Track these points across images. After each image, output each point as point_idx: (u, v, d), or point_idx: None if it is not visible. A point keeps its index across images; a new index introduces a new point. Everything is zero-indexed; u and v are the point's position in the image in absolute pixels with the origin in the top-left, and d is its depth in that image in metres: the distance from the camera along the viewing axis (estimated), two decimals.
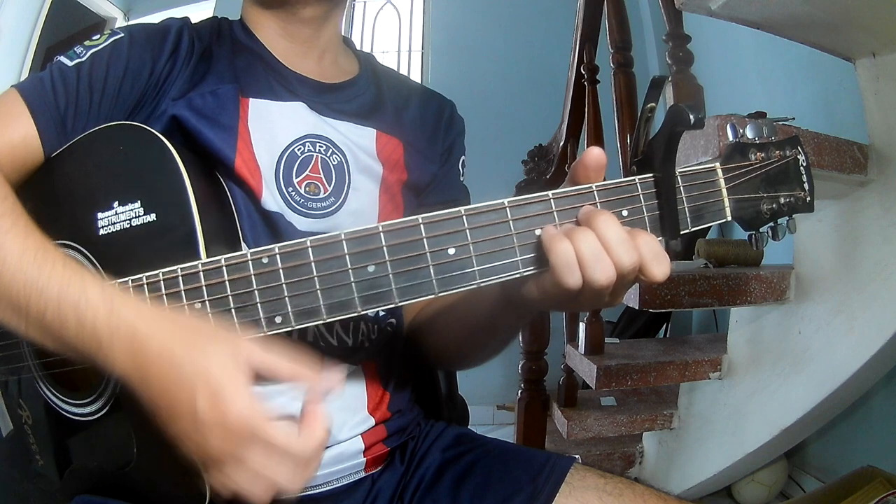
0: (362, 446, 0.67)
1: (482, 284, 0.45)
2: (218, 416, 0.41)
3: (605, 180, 0.48)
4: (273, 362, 0.44)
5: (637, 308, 1.29)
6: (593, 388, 1.49)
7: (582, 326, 1.56)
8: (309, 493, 0.65)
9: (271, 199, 0.62)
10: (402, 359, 0.73)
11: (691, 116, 0.44)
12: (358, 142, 0.68)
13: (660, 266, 0.44)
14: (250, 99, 0.64)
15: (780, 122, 1.10)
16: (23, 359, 0.61)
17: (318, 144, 0.66)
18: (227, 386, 0.42)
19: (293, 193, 0.63)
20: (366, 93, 0.72)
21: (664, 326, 2.56)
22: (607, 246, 0.43)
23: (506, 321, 0.59)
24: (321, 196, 0.65)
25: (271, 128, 0.64)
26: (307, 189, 0.64)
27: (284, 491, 0.43)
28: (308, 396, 0.44)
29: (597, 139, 1.68)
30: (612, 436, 1.68)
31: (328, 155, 0.66)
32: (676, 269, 1.49)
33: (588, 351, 1.54)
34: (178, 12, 0.72)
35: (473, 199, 0.73)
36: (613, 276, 0.43)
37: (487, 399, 3.05)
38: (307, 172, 0.64)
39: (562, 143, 1.96)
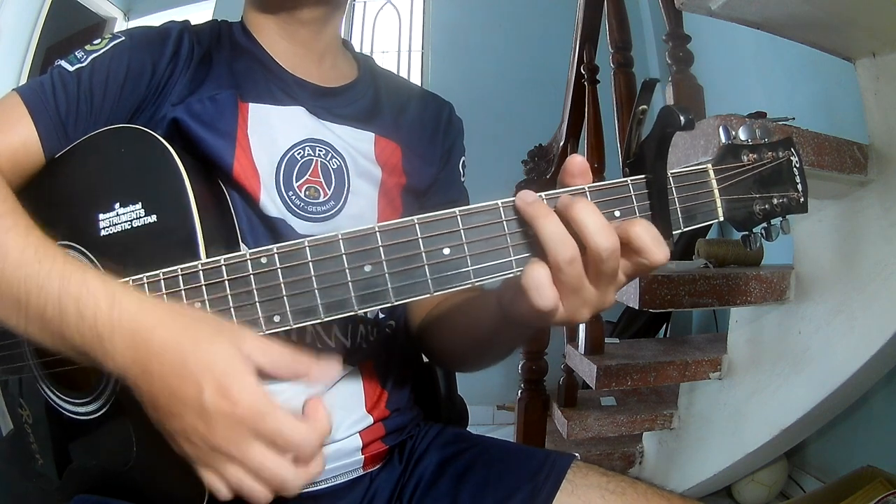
0: (360, 444, 0.67)
1: (476, 283, 0.45)
2: (227, 406, 0.41)
3: (603, 180, 0.48)
4: (275, 357, 0.44)
5: (637, 308, 1.29)
6: (593, 388, 1.49)
7: (582, 326, 1.56)
8: (307, 490, 0.65)
9: (271, 204, 0.62)
10: (402, 358, 0.73)
11: (682, 118, 0.44)
12: (357, 146, 0.69)
13: (661, 249, 0.44)
14: (250, 104, 0.64)
15: (780, 122, 1.10)
16: (23, 358, 0.62)
17: (317, 148, 0.66)
18: (235, 376, 0.41)
19: (293, 197, 0.64)
20: (365, 97, 0.73)
21: (664, 326, 2.56)
22: (585, 232, 0.43)
23: (505, 335, 0.59)
24: (321, 200, 0.65)
25: (271, 132, 0.64)
26: (307, 193, 0.64)
27: (286, 488, 0.43)
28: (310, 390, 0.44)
29: (597, 139, 1.68)
30: (612, 436, 1.68)
31: (328, 159, 0.66)
32: (676, 269, 1.49)
33: (588, 351, 1.54)
34: (178, 13, 0.72)
35: (473, 199, 0.74)
36: (576, 253, 0.44)
37: (487, 399, 3.05)
38: (307, 176, 0.65)
39: (562, 143, 1.96)
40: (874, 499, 1.27)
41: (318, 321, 0.46)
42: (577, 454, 0.69)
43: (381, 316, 0.70)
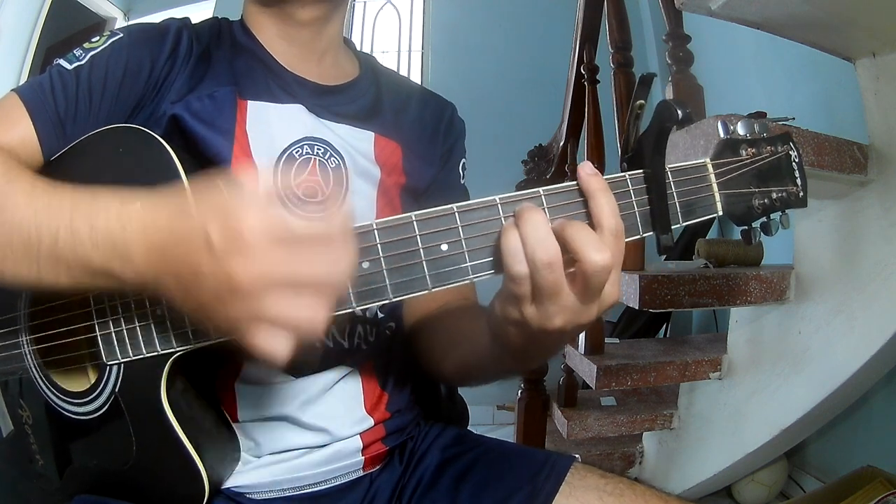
0: (360, 445, 0.67)
1: (474, 279, 0.45)
2: (234, 237, 0.38)
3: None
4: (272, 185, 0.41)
5: (637, 308, 1.29)
6: (593, 388, 1.49)
7: None
8: (306, 491, 0.65)
9: None
10: (402, 360, 0.73)
11: (679, 112, 0.45)
12: (356, 145, 0.68)
13: (598, 253, 0.42)
14: (248, 101, 0.64)
15: (780, 122, 1.10)
16: (23, 358, 0.62)
17: (316, 147, 0.66)
18: (234, 206, 0.39)
19: (290, 196, 0.63)
20: (365, 95, 0.72)
21: (664, 326, 2.55)
22: (575, 249, 0.42)
23: (497, 365, 0.57)
24: (319, 199, 0.65)
25: (269, 130, 0.64)
26: (305, 192, 0.64)
27: (335, 280, 0.40)
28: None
29: (597, 139, 1.68)
30: (612, 436, 1.68)
31: (326, 158, 0.66)
32: (676, 269, 1.49)
33: (588, 351, 1.54)
34: (178, 12, 0.72)
35: (474, 199, 0.73)
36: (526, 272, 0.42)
37: (487, 399, 3.05)
38: (305, 175, 0.64)
39: (562, 143, 1.96)
40: (874, 499, 1.27)
41: None
42: (577, 455, 0.69)
43: (380, 316, 0.70)
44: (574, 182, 0.46)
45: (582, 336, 1.56)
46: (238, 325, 0.40)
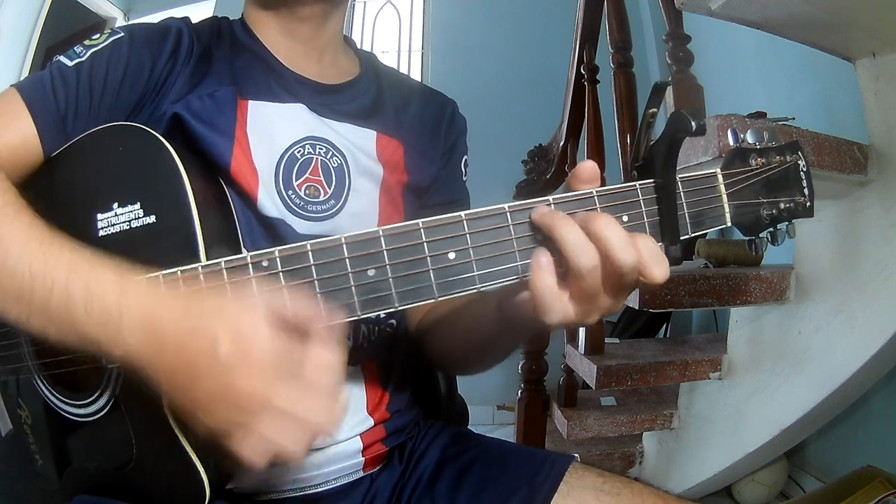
0: (361, 446, 0.67)
1: (482, 289, 0.45)
2: (243, 351, 0.40)
3: (605, 183, 0.48)
4: (286, 307, 0.43)
5: (637, 308, 1.29)
6: (593, 388, 1.49)
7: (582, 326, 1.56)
8: (307, 492, 0.65)
9: (269, 203, 0.62)
10: (403, 359, 0.73)
11: (693, 123, 0.44)
12: (358, 143, 0.68)
13: (659, 267, 0.44)
14: (249, 101, 0.64)
15: (780, 122, 1.10)
16: (22, 359, 0.61)
17: (317, 146, 0.65)
18: (247, 323, 0.40)
19: (293, 196, 0.63)
20: (366, 94, 0.72)
21: (664, 326, 2.56)
22: (608, 247, 0.43)
23: (506, 335, 0.59)
24: (321, 199, 0.65)
25: (270, 130, 0.64)
26: (307, 192, 0.64)
27: (325, 431, 0.42)
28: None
29: (597, 139, 1.68)
30: (612, 436, 1.68)
31: (328, 157, 0.66)
32: (676, 269, 1.49)
33: (588, 351, 1.54)
34: (178, 12, 0.72)
35: (473, 199, 0.73)
36: (597, 261, 0.43)
37: (487, 399, 3.05)
38: (307, 175, 0.64)
39: (562, 143, 1.96)
40: (874, 499, 1.27)
41: None
42: (576, 455, 0.69)
43: (381, 316, 0.70)
44: (585, 191, 0.46)
45: (582, 336, 1.56)
46: (225, 428, 0.41)
